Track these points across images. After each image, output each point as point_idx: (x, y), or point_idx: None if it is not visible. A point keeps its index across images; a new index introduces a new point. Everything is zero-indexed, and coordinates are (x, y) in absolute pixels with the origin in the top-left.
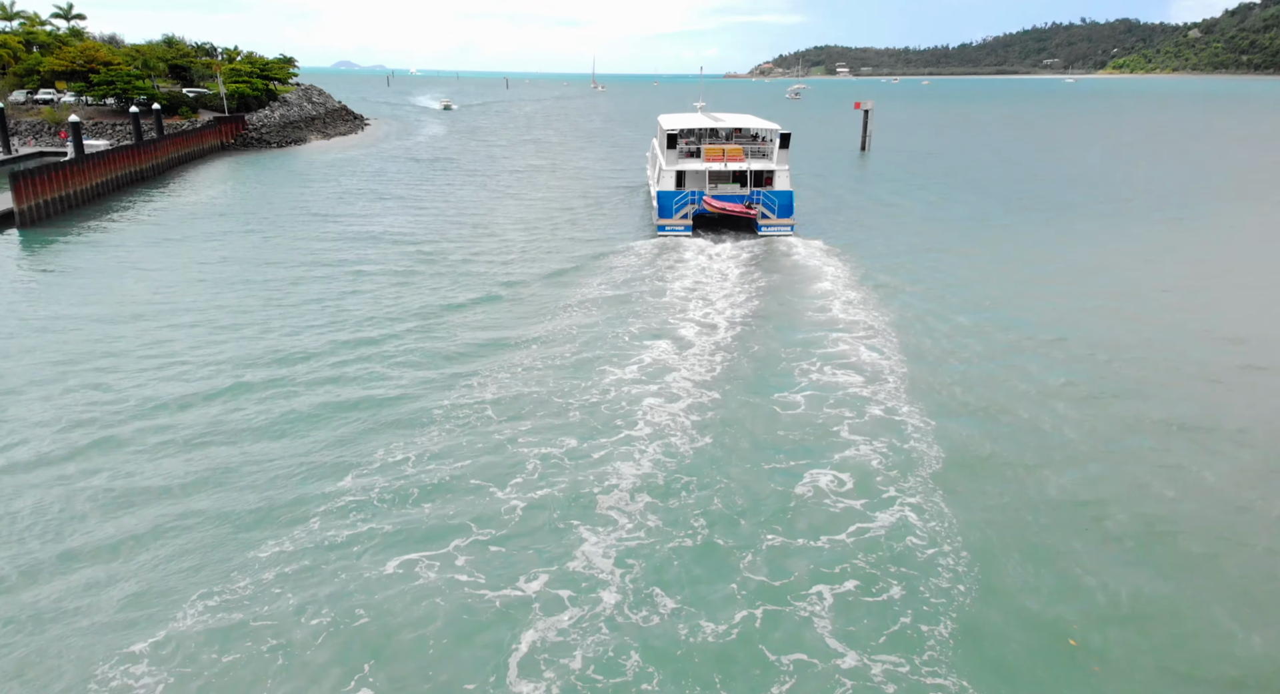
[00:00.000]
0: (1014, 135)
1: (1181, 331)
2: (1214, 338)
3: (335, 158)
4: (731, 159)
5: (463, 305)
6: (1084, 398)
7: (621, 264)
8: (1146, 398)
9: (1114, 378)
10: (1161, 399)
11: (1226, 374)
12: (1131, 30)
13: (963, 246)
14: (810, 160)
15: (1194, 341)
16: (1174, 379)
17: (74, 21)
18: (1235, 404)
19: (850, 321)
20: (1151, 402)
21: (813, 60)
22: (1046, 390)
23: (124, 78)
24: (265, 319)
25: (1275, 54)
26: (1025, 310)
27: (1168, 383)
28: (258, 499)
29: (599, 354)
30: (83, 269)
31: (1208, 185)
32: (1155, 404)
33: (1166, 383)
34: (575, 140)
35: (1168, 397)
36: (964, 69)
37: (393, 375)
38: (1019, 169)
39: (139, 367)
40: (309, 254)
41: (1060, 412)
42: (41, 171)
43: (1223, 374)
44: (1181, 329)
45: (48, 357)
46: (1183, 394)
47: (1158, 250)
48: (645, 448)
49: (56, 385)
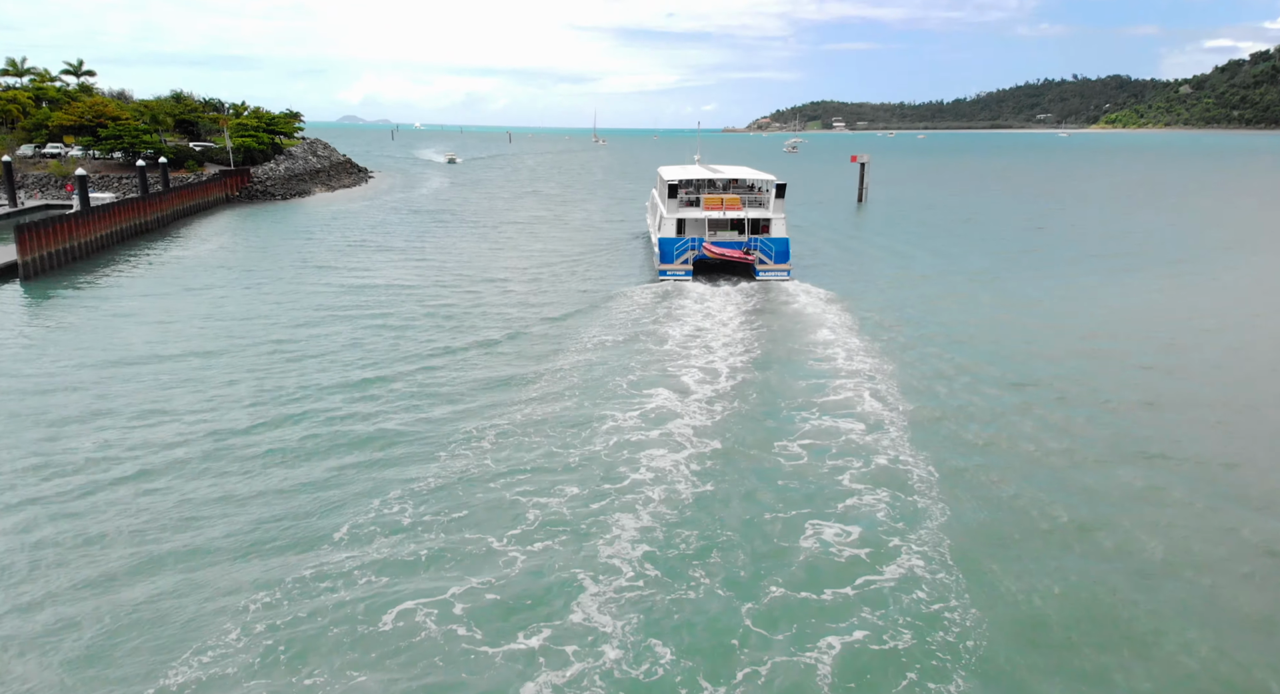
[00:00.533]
0: (1011, 187)
1: (1189, 377)
2: (1222, 382)
3: (338, 209)
4: (730, 207)
5: (462, 354)
6: (1092, 449)
7: (622, 311)
8: (1156, 448)
9: (1123, 429)
10: (1173, 447)
11: (1241, 417)
12: (1123, 86)
13: (964, 296)
14: (808, 211)
15: (1201, 385)
16: (1187, 426)
17: (84, 77)
18: (1257, 450)
19: (852, 369)
20: (1162, 450)
21: (809, 115)
22: (1053, 442)
23: (131, 132)
24: (263, 371)
25: (1266, 109)
26: (1029, 360)
27: (1179, 431)
28: (252, 550)
29: (600, 401)
30: (82, 321)
31: (1211, 237)
32: (1166, 452)
33: (1178, 431)
34: (577, 192)
35: (1180, 444)
36: (959, 123)
37: (390, 424)
38: (1017, 220)
39: (132, 419)
40: (308, 305)
41: (1069, 464)
42: (46, 224)
43: (1237, 417)
44: (1188, 375)
45: (43, 408)
46: (1197, 440)
47: (1162, 300)
48: (646, 497)
49: (52, 437)
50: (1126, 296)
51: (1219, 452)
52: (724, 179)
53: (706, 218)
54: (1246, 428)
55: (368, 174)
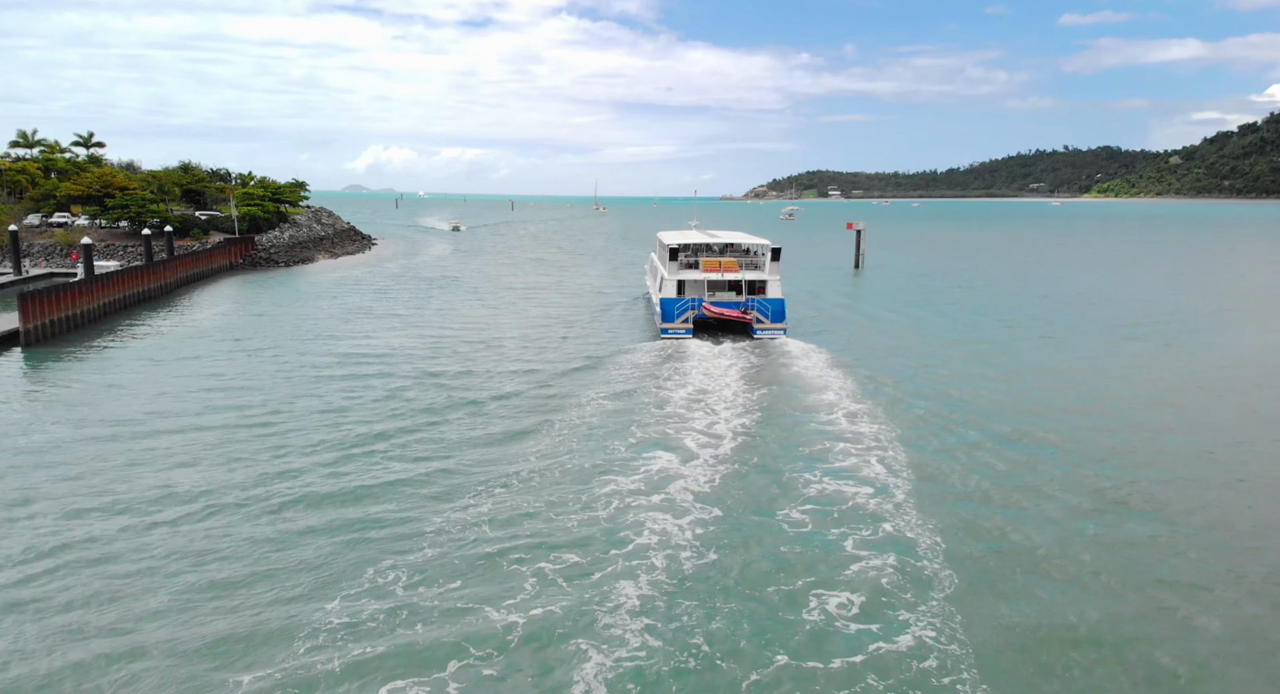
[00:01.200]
0: (1009, 254)
1: (1198, 450)
2: (1233, 444)
3: (340, 276)
4: (728, 269)
5: (458, 419)
6: (1105, 518)
7: (622, 372)
8: (1167, 522)
9: (1133, 498)
10: (1185, 520)
11: (1256, 491)
12: (1113, 157)
13: (967, 362)
14: (806, 276)
15: (1211, 459)
16: (1198, 499)
17: (93, 149)
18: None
19: (856, 433)
20: (1173, 524)
21: (805, 183)
22: (1065, 511)
23: (138, 201)
24: (258, 438)
25: (1256, 179)
26: (1035, 427)
27: (1191, 504)
28: (238, 623)
29: (599, 465)
30: (80, 388)
31: (1212, 303)
32: (1178, 526)
33: (1189, 504)
34: (578, 258)
35: (1191, 518)
36: (953, 192)
37: (384, 491)
38: (1017, 286)
39: (126, 487)
40: (305, 372)
41: (1080, 535)
42: (49, 291)
43: (1250, 490)
44: (1197, 447)
45: (39, 476)
46: (1210, 514)
47: (1167, 366)
48: (648, 564)
49: (46, 506)
50: (1131, 362)
51: (1239, 516)
52: (721, 243)
53: (706, 279)
54: (1264, 488)
55: (371, 241)
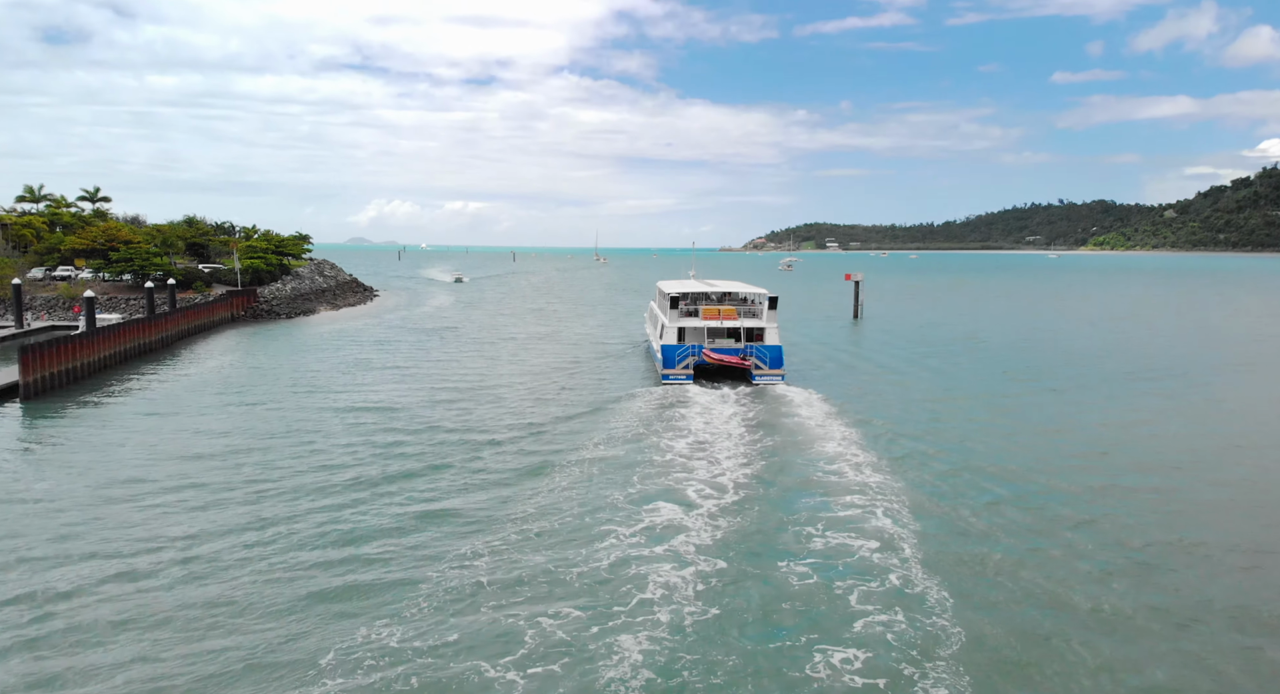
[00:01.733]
0: (1007, 306)
1: (1204, 498)
2: (1242, 511)
3: (341, 327)
4: (726, 317)
5: (457, 471)
6: (1114, 578)
7: (622, 421)
8: (1177, 582)
9: (1148, 556)
10: (1197, 580)
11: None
12: (1108, 211)
13: (971, 414)
14: (807, 327)
15: (1223, 516)
16: (1214, 560)
17: (99, 203)
18: None
19: (860, 484)
20: (1184, 584)
21: (803, 236)
22: (1075, 568)
23: (142, 255)
24: (252, 493)
25: (1251, 232)
26: (1040, 479)
27: (1204, 564)
28: (230, 680)
29: (600, 517)
30: (77, 441)
31: (1215, 357)
32: (1189, 587)
33: (1202, 564)
34: (579, 308)
35: (1204, 578)
36: (950, 244)
37: (379, 544)
38: (1018, 338)
39: (117, 543)
40: (302, 425)
41: (1096, 595)
42: (50, 344)
43: (1260, 549)
44: (1203, 496)
45: (30, 531)
46: (1224, 575)
47: (1171, 420)
48: (650, 619)
49: (37, 560)
50: (1136, 415)
51: (1245, 575)
52: (719, 292)
53: (705, 327)
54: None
55: (373, 293)
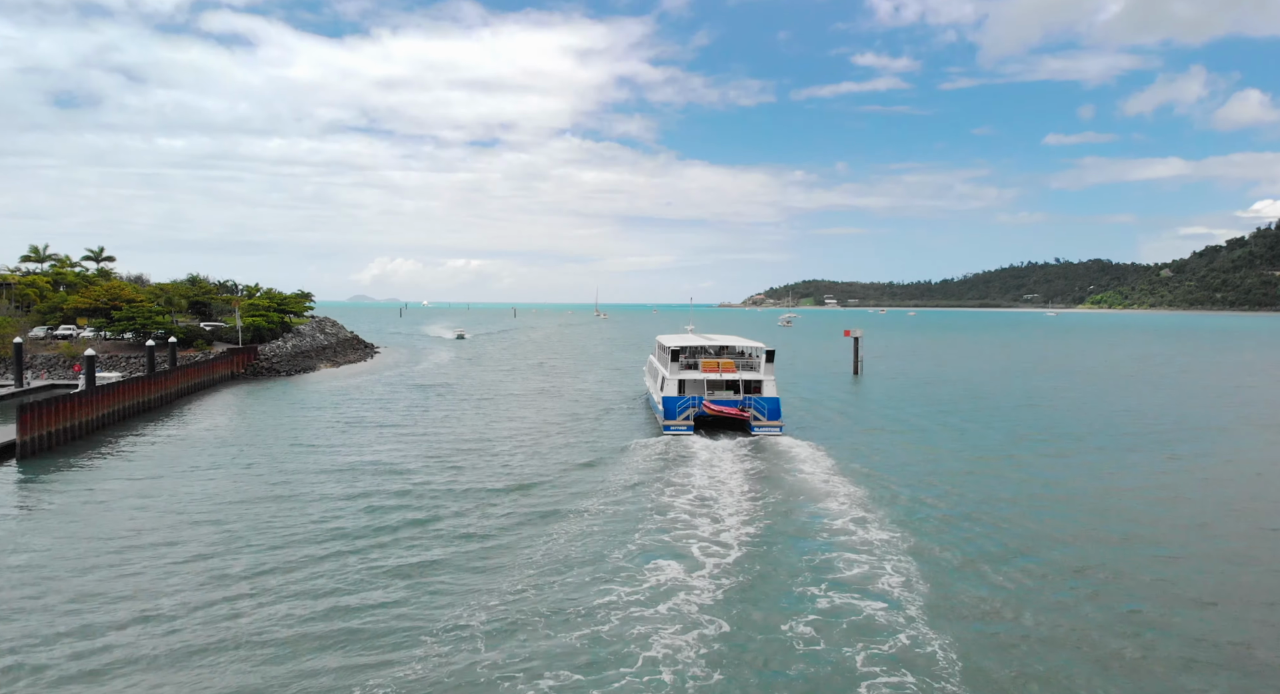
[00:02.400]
0: (1008, 364)
1: (1212, 560)
2: (1244, 567)
3: (341, 385)
4: (725, 370)
5: (454, 528)
6: (1126, 642)
7: (622, 477)
8: (1194, 645)
9: (1156, 620)
10: (1208, 635)
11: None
12: (1105, 269)
13: (975, 472)
14: (808, 382)
15: (1227, 574)
16: (1222, 620)
17: (104, 263)
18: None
19: (865, 542)
20: (1203, 648)
21: (802, 292)
22: (1086, 629)
23: (144, 313)
24: (245, 553)
25: (1248, 292)
26: (1048, 540)
27: (1212, 625)
28: None
29: (601, 575)
30: (71, 501)
31: (1220, 416)
32: (1208, 650)
33: (1211, 625)
34: (578, 364)
35: (1215, 633)
36: (948, 302)
37: (373, 604)
38: (1020, 396)
39: (107, 606)
40: (299, 484)
41: (1104, 658)
42: (49, 403)
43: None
44: (1213, 557)
45: (19, 593)
46: (1235, 631)
47: (1179, 481)
48: (655, 681)
49: (27, 625)
50: (1143, 476)
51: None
52: (716, 346)
53: (705, 379)
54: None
55: (374, 349)
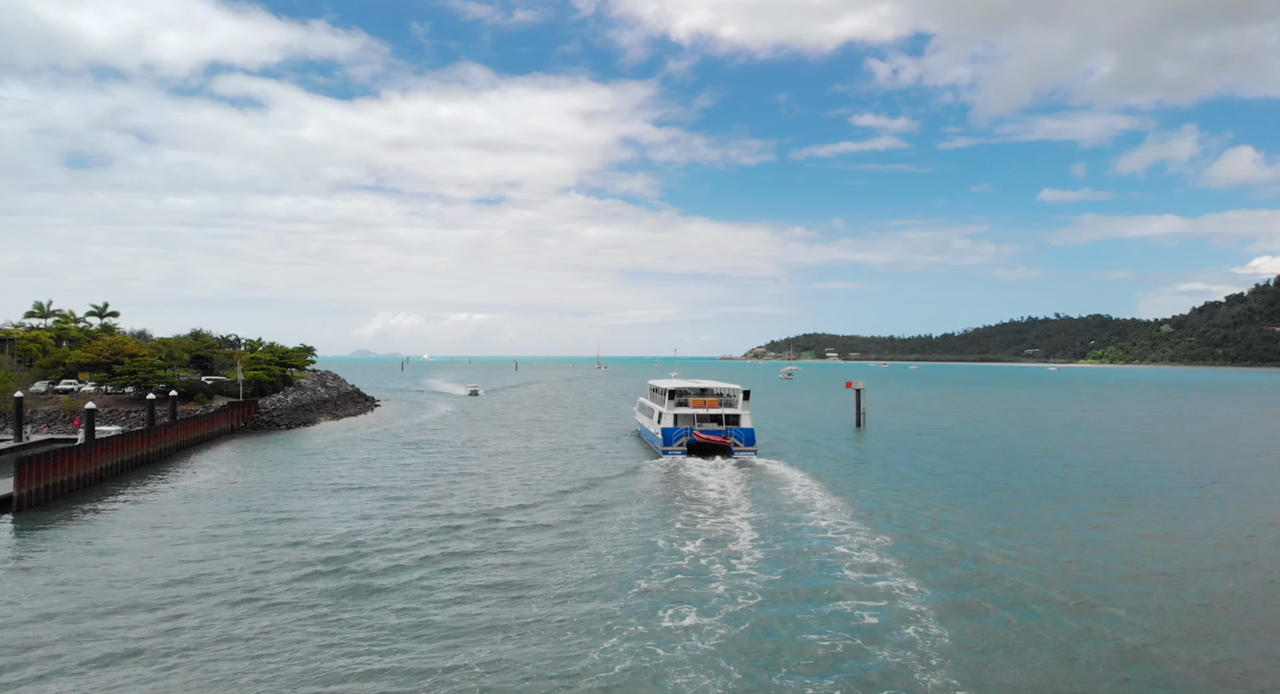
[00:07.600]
0: (1011, 418)
1: (1218, 617)
2: (1247, 614)
3: (339, 438)
4: (710, 406)
5: (453, 582)
6: (1127, 674)
7: (617, 525)
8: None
9: (1163, 665)
10: (1218, 676)
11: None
12: (1105, 325)
13: (985, 524)
14: (811, 434)
15: (1226, 620)
16: (1231, 659)
17: (107, 318)
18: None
19: (888, 589)
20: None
21: (803, 345)
22: (1096, 669)
23: (146, 368)
24: (239, 608)
25: (1249, 347)
26: (1057, 586)
27: (1220, 666)
28: None
29: (604, 626)
30: (65, 556)
31: (1227, 468)
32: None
33: (1218, 666)
34: (579, 416)
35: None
36: (949, 356)
37: (369, 656)
38: (1025, 449)
39: (95, 661)
40: (286, 540)
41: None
42: (47, 457)
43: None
44: (1216, 614)
45: (9, 649)
46: (1244, 667)
47: (1187, 531)
48: None
49: (21, 678)
50: (1152, 526)
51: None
52: (699, 388)
53: (695, 413)
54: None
55: (374, 403)
